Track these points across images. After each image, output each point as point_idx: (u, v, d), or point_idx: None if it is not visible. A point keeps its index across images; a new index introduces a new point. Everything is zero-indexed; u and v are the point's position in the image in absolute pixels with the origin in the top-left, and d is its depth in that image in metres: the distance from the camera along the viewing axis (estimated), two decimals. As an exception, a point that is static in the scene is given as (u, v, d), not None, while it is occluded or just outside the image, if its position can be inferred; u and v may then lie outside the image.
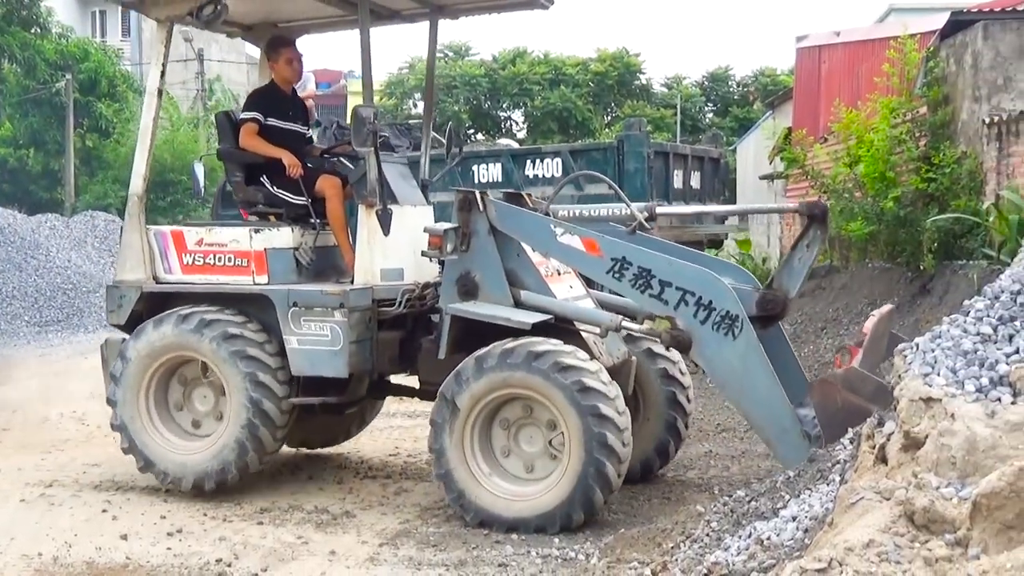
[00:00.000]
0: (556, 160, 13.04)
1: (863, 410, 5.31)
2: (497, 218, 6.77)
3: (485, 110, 37.20)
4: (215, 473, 6.99)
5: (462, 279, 6.73)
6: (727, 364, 6.31)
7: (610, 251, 6.53)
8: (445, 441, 6.27)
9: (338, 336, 6.85)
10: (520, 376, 6.13)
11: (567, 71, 36.87)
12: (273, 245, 7.24)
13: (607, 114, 38.13)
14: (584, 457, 6.03)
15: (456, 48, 39.12)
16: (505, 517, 6.21)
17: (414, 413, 10.10)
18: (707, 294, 6.29)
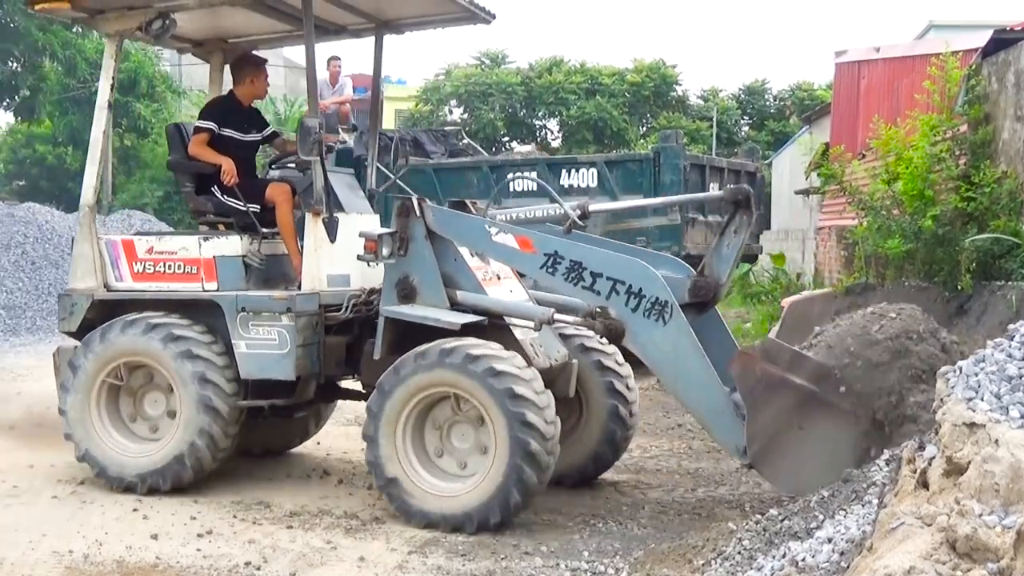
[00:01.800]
0: (591, 170, 13.04)
1: (781, 380, 5.74)
2: (435, 222, 7.01)
3: (520, 118, 37.18)
4: (171, 474, 7.17)
5: (401, 283, 6.98)
6: (659, 349, 6.47)
7: (543, 247, 6.76)
8: (379, 430, 6.52)
9: (285, 340, 7.09)
10: (454, 376, 6.37)
11: (603, 81, 36.82)
12: (222, 253, 7.44)
13: (642, 125, 38.04)
14: (507, 461, 6.25)
15: (493, 56, 39.15)
16: (427, 511, 6.45)
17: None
18: (636, 282, 6.49)
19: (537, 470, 6.30)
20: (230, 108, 8.07)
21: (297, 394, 7.50)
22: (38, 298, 17.91)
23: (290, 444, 8.66)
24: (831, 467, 5.53)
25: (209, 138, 7.84)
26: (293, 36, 8.59)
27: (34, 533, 6.23)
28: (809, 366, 5.77)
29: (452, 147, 15.82)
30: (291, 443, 8.67)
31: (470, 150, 16.47)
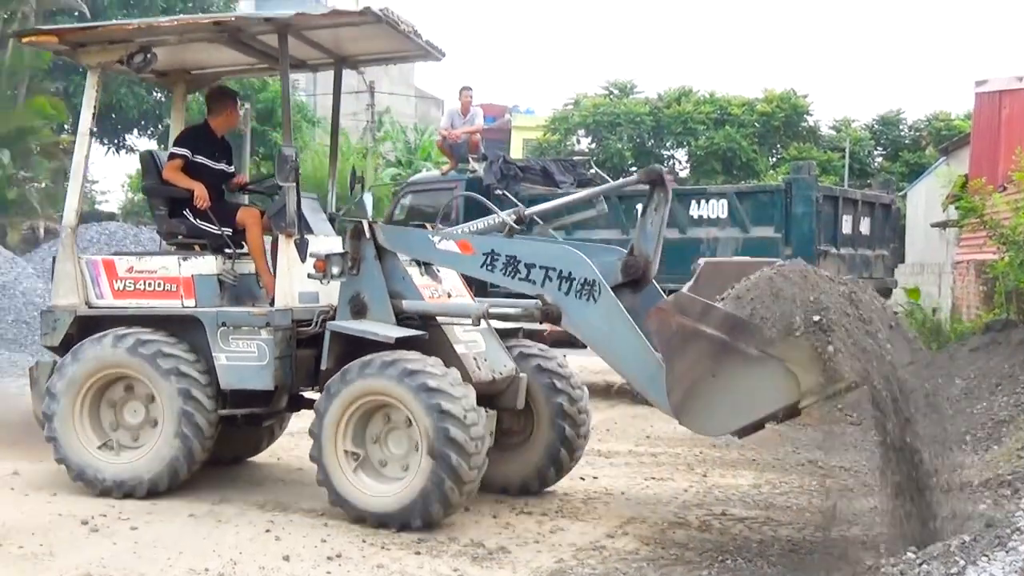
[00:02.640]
0: (721, 201, 12.91)
1: (694, 331, 6.11)
2: (385, 240, 7.64)
3: (648, 148, 37.05)
4: (148, 481, 7.62)
5: (353, 299, 7.56)
6: (593, 326, 7.01)
7: (480, 247, 7.43)
8: (323, 429, 7.09)
9: (265, 352, 7.63)
10: (391, 386, 6.93)
11: (732, 111, 36.48)
12: (199, 272, 7.95)
13: (772, 155, 37.55)
14: (430, 471, 6.78)
15: (621, 86, 39.15)
16: (357, 507, 7.04)
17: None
18: (566, 267, 7.08)
19: (457, 483, 6.81)
20: (204, 137, 8.60)
21: (272, 403, 7.94)
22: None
23: (246, 455, 9.19)
24: (743, 410, 6.22)
25: (183, 164, 8.35)
26: (255, 69, 9.33)
27: (172, 551, 6.39)
28: (719, 316, 6.08)
29: (580, 176, 15.81)
30: (246, 454, 9.20)
31: (598, 180, 16.45)
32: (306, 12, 7.81)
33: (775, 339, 5.90)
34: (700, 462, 9.67)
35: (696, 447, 10.41)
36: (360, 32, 8.24)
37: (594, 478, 8.83)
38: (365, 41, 8.56)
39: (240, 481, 8.31)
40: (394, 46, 8.59)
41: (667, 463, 9.61)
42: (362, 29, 8.10)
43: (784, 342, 5.91)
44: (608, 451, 10.13)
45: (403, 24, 7.94)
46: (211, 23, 8.00)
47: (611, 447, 10.37)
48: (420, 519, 6.86)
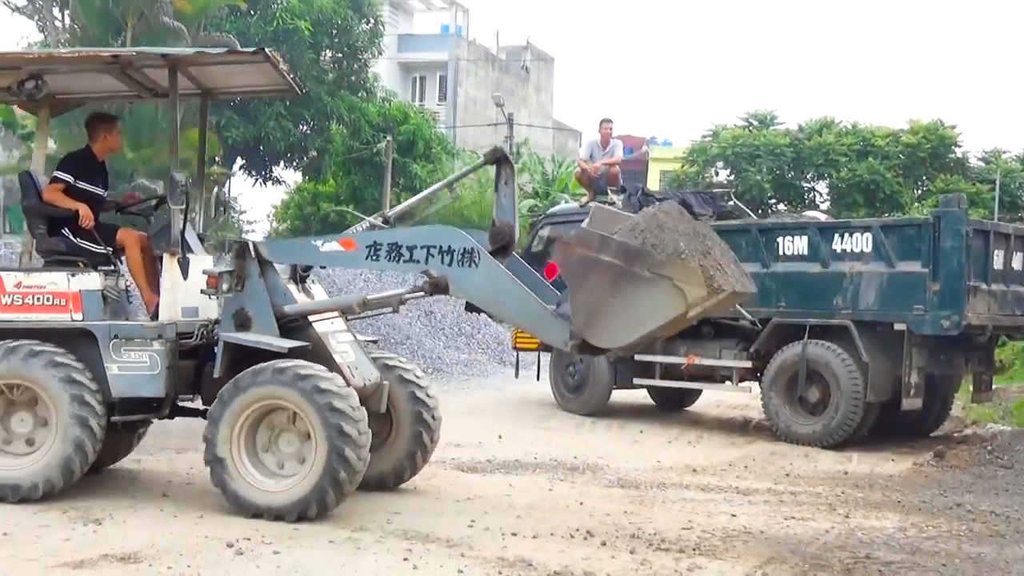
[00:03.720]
0: (866, 235, 12.61)
1: (595, 260, 7.28)
2: (269, 253, 8.39)
3: (788, 180, 36.45)
4: (42, 484, 8.03)
5: (237, 314, 8.22)
6: (479, 287, 8.00)
7: (362, 241, 8.31)
8: (218, 434, 7.76)
9: (156, 362, 8.23)
10: (284, 391, 7.69)
11: (876, 142, 35.62)
12: (86, 287, 8.38)
13: (918, 188, 36.54)
14: (324, 464, 7.60)
15: (760, 117, 38.67)
16: (256, 503, 7.74)
17: (707, 487, 9.95)
18: (445, 242, 8.01)
19: (351, 473, 7.68)
20: (86, 162, 9.07)
21: (160, 411, 8.55)
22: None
23: (114, 460, 9.56)
24: (641, 323, 7.34)
25: (65, 187, 8.77)
26: (120, 95, 10.06)
27: (312, 576, 6.50)
28: (615, 245, 7.24)
29: (720, 209, 15.67)
30: (114, 459, 9.56)
31: (738, 212, 16.28)
32: (204, 51, 8.75)
33: (665, 262, 7.10)
34: (842, 502, 9.42)
35: (838, 487, 10.16)
36: (241, 68, 8.97)
37: (732, 516, 8.68)
38: (238, 77, 9.33)
39: (380, 509, 8.40)
40: (264, 82, 9.41)
41: (807, 502, 9.39)
42: (243, 66, 8.77)
43: (672, 264, 7.09)
44: (747, 488, 9.96)
45: (283, 63, 8.77)
46: (110, 56, 8.63)
47: (749, 484, 10.19)
48: (316, 508, 7.69)
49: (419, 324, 21.87)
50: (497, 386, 18.24)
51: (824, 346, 12.63)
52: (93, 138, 9.16)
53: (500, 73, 54.56)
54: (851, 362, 12.37)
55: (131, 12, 24.27)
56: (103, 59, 8.64)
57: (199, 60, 8.67)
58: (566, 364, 15.35)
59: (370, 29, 34.26)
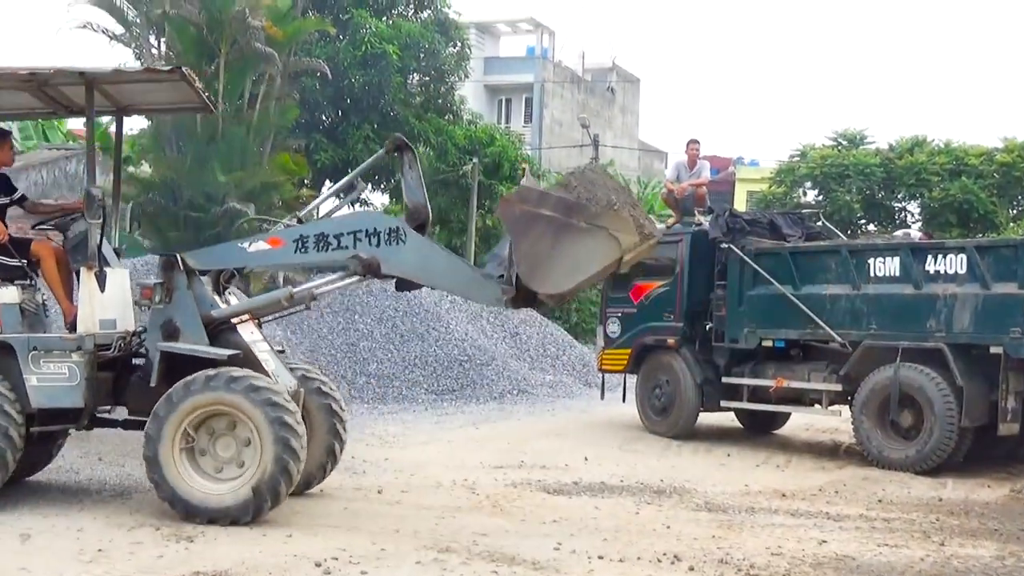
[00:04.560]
0: (960, 256, 12.32)
1: (535, 214, 7.91)
2: (197, 263, 8.67)
3: (878, 201, 35.90)
4: None
5: (165, 325, 8.50)
6: (409, 262, 8.45)
7: (288, 236, 8.63)
8: (158, 452, 8.05)
9: (75, 373, 8.40)
10: (220, 396, 8.03)
11: (969, 161, 34.95)
12: (3, 300, 8.60)
13: (1013, 207, 35.75)
14: (273, 457, 7.94)
15: (850, 136, 38.19)
16: (207, 508, 8.04)
17: (797, 512, 9.80)
18: (369, 225, 8.49)
19: (297, 461, 8.08)
20: None
21: (79, 421, 8.75)
22: (405, 368, 19.00)
23: (33, 471, 9.67)
24: (580, 270, 8.00)
25: None
26: (36, 112, 10.33)
27: (399, 596, 6.53)
28: (553, 200, 7.95)
29: (809, 230, 15.47)
30: (34, 470, 9.68)
31: (827, 233, 16.07)
32: (122, 69, 9.03)
33: (599, 213, 7.83)
34: (937, 530, 9.21)
35: (932, 513, 9.93)
36: (156, 86, 9.18)
37: (823, 542, 8.53)
38: (154, 94, 9.56)
39: (465, 530, 8.43)
40: (179, 98, 9.68)
41: (901, 529, 9.20)
42: (159, 84, 8.95)
43: (606, 215, 7.84)
44: (838, 514, 9.78)
45: (198, 81, 9.00)
46: (28, 74, 8.69)
47: (840, 510, 10.01)
48: (270, 500, 8.07)
49: (504, 345, 21.92)
50: (582, 408, 18.18)
51: (917, 369, 12.37)
52: None
53: (586, 94, 54.64)
54: (945, 386, 12.09)
55: (224, 39, 24.76)
56: (20, 77, 8.73)
57: (117, 78, 8.90)
58: (653, 386, 15.25)
59: (457, 52, 34.57)
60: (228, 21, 24.60)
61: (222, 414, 8.19)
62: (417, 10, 34.25)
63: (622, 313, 15.76)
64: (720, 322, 14.47)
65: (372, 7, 32.26)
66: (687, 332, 14.89)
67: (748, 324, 14.07)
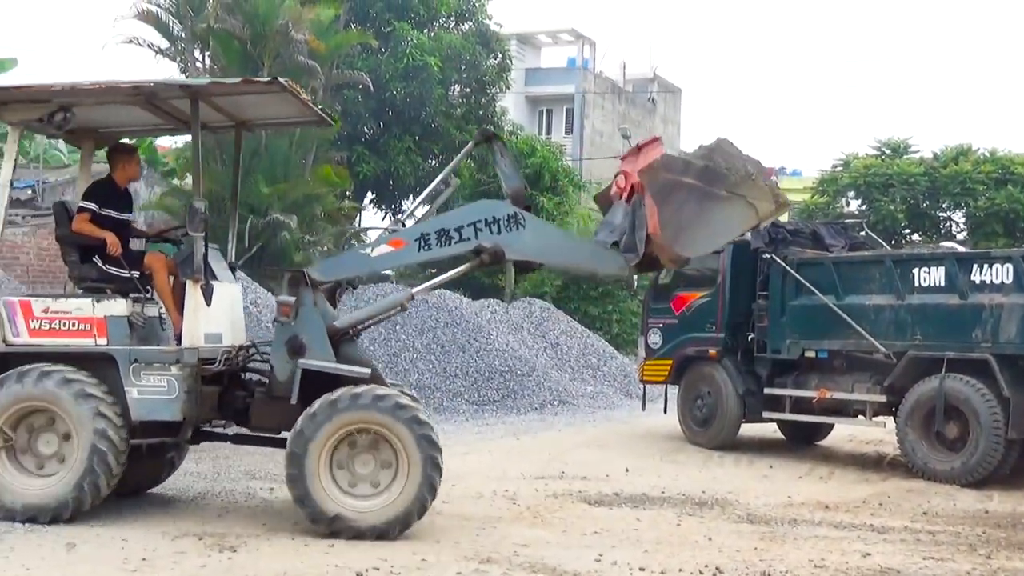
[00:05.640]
0: (1007, 266, 12.18)
1: (678, 182, 8.43)
2: (323, 275, 8.70)
3: (923, 210, 35.56)
4: (52, 509, 8.27)
5: (291, 341, 8.48)
6: (531, 244, 8.69)
7: (410, 236, 8.71)
8: (304, 467, 8.08)
9: (175, 386, 8.42)
10: (371, 415, 8.13)
11: (1016, 170, 34.51)
12: (111, 313, 8.60)
13: (1060, 216, 35.26)
14: (421, 474, 8.14)
15: (893, 145, 37.85)
16: (356, 525, 8.13)
17: (840, 524, 9.72)
18: (487, 214, 8.59)
19: (440, 477, 8.33)
20: (109, 190, 9.28)
21: (180, 434, 8.76)
22: (446, 379, 19.04)
23: (155, 483, 9.86)
24: (720, 235, 8.92)
25: (91, 216, 9.01)
26: (160, 129, 10.28)
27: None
28: (696, 169, 8.48)
29: (852, 240, 15.37)
30: (156, 482, 9.85)
31: (870, 243, 15.94)
32: (220, 80, 8.99)
33: (739, 182, 8.47)
34: (983, 543, 9.10)
35: (979, 526, 9.81)
36: (263, 99, 9.14)
37: (867, 554, 8.46)
38: (265, 107, 9.53)
39: (506, 541, 8.43)
40: (292, 112, 9.70)
41: (947, 542, 9.09)
42: (266, 96, 8.99)
43: (745, 184, 8.50)
44: (882, 526, 9.69)
45: (303, 93, 8.93)
46: (130, 87, 8.71)
47: (885, 522, 9.91)
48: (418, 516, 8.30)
49: (545, 356, 21.92)
50: (623, 419, 18.13)
51: (963, 380, 12.24)
52: (114, 167, 9.45)
53: (627, 105, 54.57)
54: (991, 397, 11.96)
55: (268, 53, 24.99)
56: (124, 90, 8.80)
57: (215, 90, 8.94)
58: (694, 397, 15.20)
59: (498, 64, 34.66)
60: (271, 35, 24.83)
61: (364, 431, 8.26)
62: (458, 22, 34.39)
63: (663, 324, 15.73)
64: (762, 333, 14.40)
65: (414, 19, 32.42)
66: (729, 343, 14.84)
67: (790, 335, 13.99)
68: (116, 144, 9.83)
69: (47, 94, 8.74)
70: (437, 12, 33.17)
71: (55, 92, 8.70)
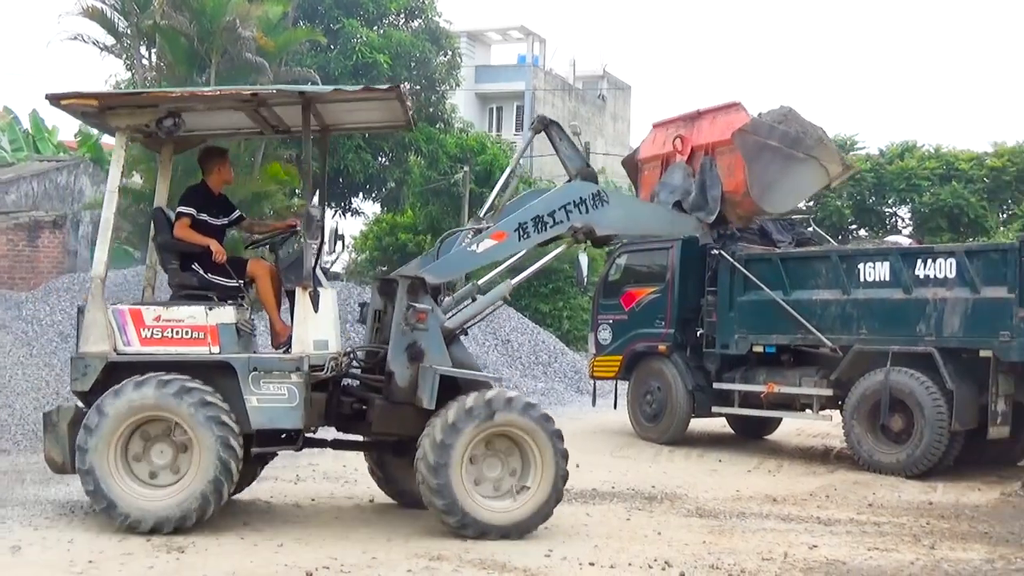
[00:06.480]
0: (950, 261, 12.37)
1: (765, 144, 9.51)
2: (435, 277, 8.86)
3: (869, 206, 35.99)
4: (176, 519, 8.12)
5: (410, 347, 8.52)
6: (618, 218, 9.28)
7: (509, 228, 8.98)
8: (449, 476, 8.14)
9: (294, 394, 8.39)
10: (513, 417, 8.33)
11: (960, 166, 35.05)
12: (222, 321, 8.53)
13: (1003, 212, 35.85)
14: (555, 471, 8.42)
15: (840, 142, 38.20)
16: (497, 525, 8.30)
17: (788, 517, 9.83)
18: (575, 196, 9.09)
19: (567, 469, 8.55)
20: (204, 196, 9.26)
21: (297, 442, 8.79)
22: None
23: (239, 490, 9.48)
24: (799, 193, 10.33)
25: (191, 222, 8.96)
26: (242, 133, 10.36)
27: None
28: (779, 133, 9.60)
29: (799, 236, 15.53)
30: (239, 489, 9.46)
31: (817, 239, 16.11)
32: (342, 88, 8.97)
33: (813, 146, 9.61)
34: (927, 533, 9.24)
35: (923, 517, 9.96)
36: (365, 105, 9.20)
37: (814, 546, 8.56)
38: (361, 113, 9.61)
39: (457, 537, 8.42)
40: (382, 117, 9.72)
41: (891, 533, 9.22)
42: (371, 102, 8.95)
43: (818, 147, 9.64)
44: (828, 518, 9.81)
45: (409, 100, 9.01)
46: (249, 95, 8.84)
47: (831, 514, 10.03)
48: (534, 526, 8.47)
49: (496, 353, 21.94)
50: (573, 415, 18.19)
51: (907, 373, 12.41)
52: (207, 172, 9.39)
53: (577, 102, 54.68)
54: (935, 390, 12.13)
55: (215, 49, 24.75)
56: (242, 97, 8.84)
57: (335, 97, 8.92)
58: (644, 393, 15.28)
59: (448, 61, 34.58)
60: (219, 31, 24.58)
61: (501, 436, 8.44)
62: (408, 19, 34.27)
63: (613, 320, 15.81)
64: (711, 328, 14.52)
65: (363, 17, 32.27)
66: (678, 338, 14.94)
67: (739, 330, 14.11)
68: (209, 148, 9.78)
69: (161, 100, 8.64)
70: (386, 9, 33.03)
71: (171, 99, 8.63)
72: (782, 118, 9.64)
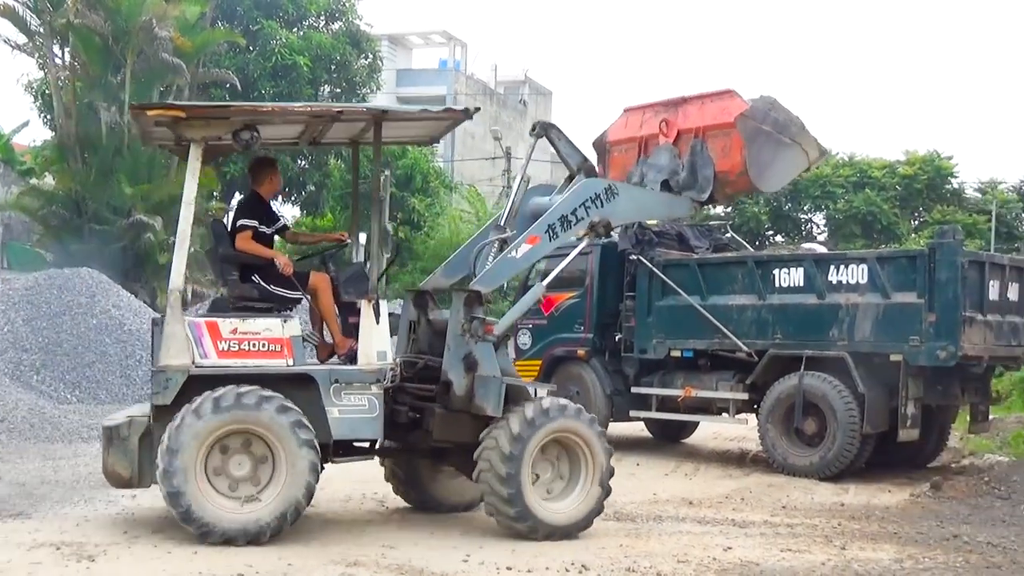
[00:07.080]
0: (861, 267, 12.61)
1: (760, 129, 10.00)
2: (486, 287, 9.08)
3: (785, 212, 36.57)
4: (273, 527, 8.12)
5: (467, 357, 8.70)
6: (629, 207, 9.95)
7: (539, 231, 9.30)
8: (520, 469, 8.38)
9: (375, 405, 8.54)
10: (574, 424, 8.74)
11: (873, 174, 35.81)
12: (295, 333, 8.55)
13: (914, 219, 36.66)
14: (604, 472, 8.83)
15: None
16: (559, 525, 8.61)
17: (704, 519, 9.94)
18: (590, 193, 9.52)
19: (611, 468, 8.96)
20: (259, 206, 9.31)
21: (375, 452, 9.06)
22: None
23: None
24: (786, 175, 10.86)
25: (252, 234, 8.99)
26: (283, 143, 10.33)
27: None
28: (771, 119, 10.06)
29: (716, 241, 15.71)
30: None
31: (734, 245, 16.32)
32: (408, 109, 9.32)
33: (797, 132, 10.15)
34: (839, 534, 9.40)
35: (835, 518, 10.13)
36: (417, 124, 9.40)
37: (728, 548, 8.66)
38: (401, 129, 9.86)
39: (374, 543, 8.38)
40: (420, 134, 10.14)
41: (804, 534, 9.37)
42: (421, 122, 9.14)
43: (801, 133, 10.18)
44: (743, 520, 9.94)
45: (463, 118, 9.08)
46: (337, 112, 8.90)
47: (746, 516, 10.17)
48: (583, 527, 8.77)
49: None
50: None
51: (820, 377, 12.61)
52: (259, 181, 9.36)
53: (498, 107, 54.83)
54: (847, 393, 12.35)
55: (131, 49, 24.40)
56: (331, 114, 8.93)
57: (402, 116, 9.15)
58: (563, 397, 15.30)
59: (368, 64, 34.49)
60: (135, 31, 24.26)
61: (556, 442, 8.74)
62: (328, 21, 34.12)
63: (532, 324, 15.81)
64: (629, 333, 14.61)
65: (282, 18, 32.06)
66: (597, 343, 15.00)
67: (657, 335, 14.22)
68: (260, 158, 9.73)
69: (251, 114, 8.59)
70: (306, 11, 32.87)
71: (262, 113, 8.64)
72: (770, 106, 10.17)
